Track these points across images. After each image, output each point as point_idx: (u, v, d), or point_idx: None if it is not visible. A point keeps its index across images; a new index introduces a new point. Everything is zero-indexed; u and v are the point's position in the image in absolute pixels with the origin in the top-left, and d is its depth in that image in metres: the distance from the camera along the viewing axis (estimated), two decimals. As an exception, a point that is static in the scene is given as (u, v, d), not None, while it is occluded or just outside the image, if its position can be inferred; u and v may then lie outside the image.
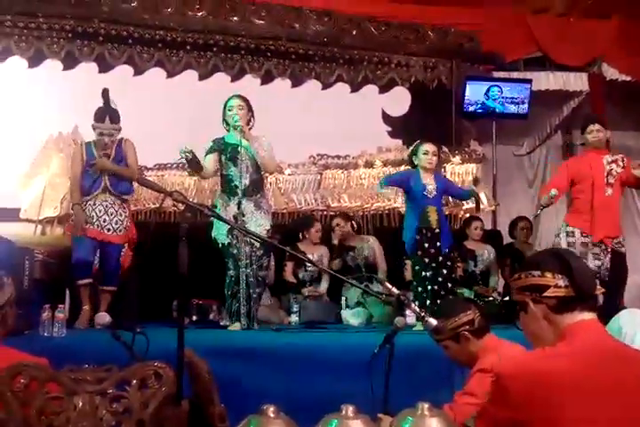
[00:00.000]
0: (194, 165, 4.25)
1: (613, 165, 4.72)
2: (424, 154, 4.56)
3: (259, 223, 4.28)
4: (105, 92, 4.49)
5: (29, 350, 2.02)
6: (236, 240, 4.26)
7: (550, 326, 1.47)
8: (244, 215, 4.27)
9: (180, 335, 1.87)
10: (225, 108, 4.40)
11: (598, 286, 1.51)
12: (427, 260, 4.51)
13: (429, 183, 4.54)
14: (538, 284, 1.47)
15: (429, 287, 4.48)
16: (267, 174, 4.99)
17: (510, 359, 1.55)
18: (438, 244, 4.51)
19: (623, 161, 4.77)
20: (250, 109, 4.42)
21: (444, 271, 4.53)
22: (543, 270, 1.47)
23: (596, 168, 4.70)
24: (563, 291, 1.45)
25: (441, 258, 4.52)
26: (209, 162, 4.39)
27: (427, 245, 4.50)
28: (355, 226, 5.51)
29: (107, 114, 4.43)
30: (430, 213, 4.51)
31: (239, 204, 4.30)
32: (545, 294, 1.46)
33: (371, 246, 5.44)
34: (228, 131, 4.44)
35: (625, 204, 7.36)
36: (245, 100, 4.42)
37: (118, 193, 4.41)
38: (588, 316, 1.46)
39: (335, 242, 5.45)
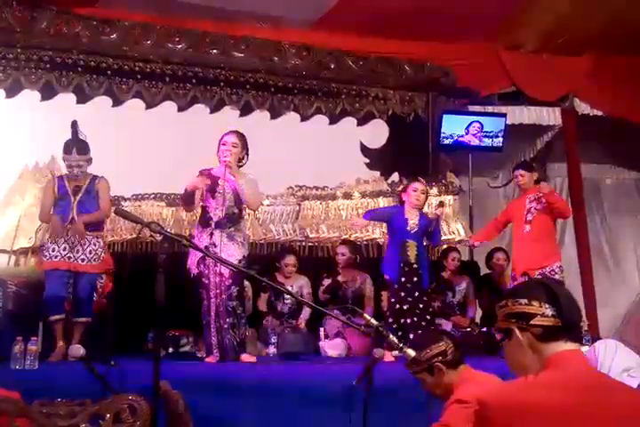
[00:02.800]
0: (188, 200, 4.41)
1: (533, 203, 5.11)
2: (413, 191, 4.72)
3: (229, 254, 4.24)
4: (74, 124, 4.49)
5: (0, 384, 1.97)
6: (207, 270, 4.25)
7: (534, 355, 1.46)
8: (215, 246, 4.26)
9: (155, 368, 1.85)
10: (219, 142, 4.42)
11: (584, 319, 1.53)
12: (402, 293, 4.56)
13: (412, 219, 4.66)
14: (524, 312, 1.47)
15: (402, 320, 4.53)
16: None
17: (493, 389, 1.55)
18: (416, 279, 4.59)
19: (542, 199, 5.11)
20: (244, 147, 4.42)
21: (421, 306, 4.60)
22: (530, 299, 1.48)
23: (518, 209, 5.19)
24: (549, 320, 1.46)
25: (417, 293, 4.59)
26: (197, 195, 4.41)
27: (403, 279, 4.58)
28: (358, 259, 5.53)
29: (74, 146, 4.42)
30: (410, 248, 4.60)
31: (211, 234, 4.29)
32: (531, 322, 1.46)
33: (364, 282, 5.45)
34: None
35: (597, 246, 7.52)
36: (242, 137, 4.43)
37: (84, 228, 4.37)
38: (573, 346, 1.46)
39: (340, 278, 5.44)
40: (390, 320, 4.54)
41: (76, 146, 4.42)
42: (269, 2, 6.22)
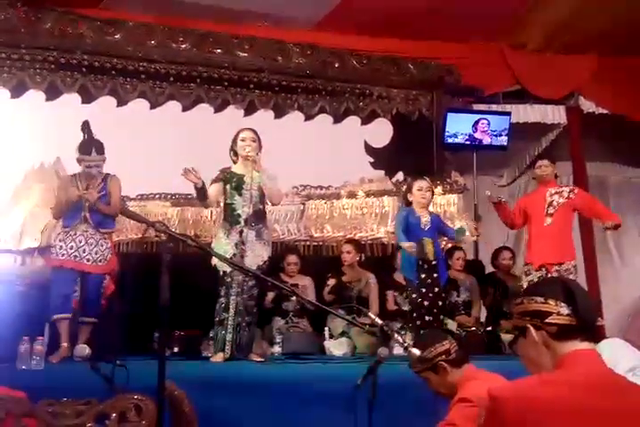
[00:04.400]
0: (200, 195, 4.35)
1: (555, 197, 4.99)
2: (418, 190, 4.75)
3: (257, 253, 4.30)
4: (86, 125, 4.48)
5: (6, 384, 1.98)
6: (231, 268, 4.27)
7: (548, 353, 1.46)
8: (244, 244, 4.29)
9: (160, 367, 1.85)
10: (236, 138, 4.44)
11: (599, 318, 1.53)
12: (423, 290, 4.60)
13: (424, 216, 4.74)
14: (540, 310, 1.47)
15: (426, 318, 4.57)
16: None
17: (507, 384, 1.55)
18: (435, 275, 4.64)
19: (570, 192, 5.04)
20: (260, 143, 4.48)
21: (440, 302, 4.65)
22: (546, 297, 1.47)
23: (539, 201, 5.03)
24: (565, 319, 1.45)
25: (437, 289, 4.64)
26: (212, 191, 4.45)
27: (423, 275, 4.63)
28: (362, 258, 5.54)
29: (92, 146, 4.43)
30: (427, 245, 4.65)
31: (241, 232, 4.32)
32: (546, 320, 1.46)
33: (368, 282, 5.47)
34: (235, 162, 4.49)
35: (603, 244, 7.50)
36: (256, 133, 4.49)
37: (96, 226, 4.37)
38: (588, 346, 1.46)
39: (344, 278, 5.46)
40: (415, 317, 4.56)
41: (94, 146, 4.43)
42: (273, 1, 6.23)
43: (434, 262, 4.63)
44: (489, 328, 5.60)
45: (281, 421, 3.02)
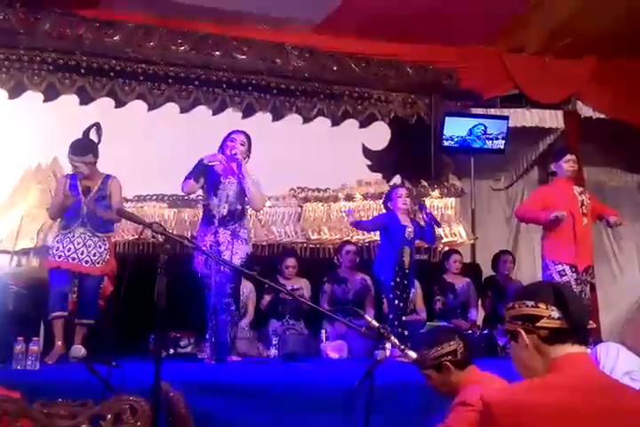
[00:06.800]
0: None
1: (583, 196, 4.82)
2: (398, 197, 4.80)
3: (234, 252, 4.27)
4: (96, 126, 4.43)
5: (2, 384, 1.97)
6: (210, 270, 4.26)
7: (540, 357, 1.47)
8: (219, 244, 4.28)
9: (156, 369, 1.85)
10: (227, 139, 4.43)
11: (590, 321, 1.53)
12: (398, 292, 4.68)
13: (409, 226, 4.79)
14: (531, 314, 1.48)
15: (403, 318, 4.67)
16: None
17: (498, 390, 1.54)
18: (406, 282, 4.73)
19: (587, 193, 4.94)
20: (249, 148, 4.47)
21: (407, 309, 4.79)
22: (537, 301, 1.48)
23: (570, 198, 4.75)
24: (556, 322, 1.46)
25: (405, 295, 4.72)
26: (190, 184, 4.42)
27: (398, 279, 4.69)
28: (357, 260, 5.58)
29: (75, 146, 4.33)
30: (405, 254, 4.73)
31: (215, 233, 4.31)
32: (537, 324, 1.46)
33: (363, 284, 5.46)
34: None
35: (601, 249, 7.47)
36: (248, 137, 4.48)
37: (94, 230, 4.34)
38: (579, 349, 1.47)
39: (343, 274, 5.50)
40: (393, 318, 4.62)
41: (77, 146, 4.34)
42: (272, 4, 6.23)
43: (407, 271, 4.72)
44: (485, 331, 5.60)
45: (278, 423, 3.02)
